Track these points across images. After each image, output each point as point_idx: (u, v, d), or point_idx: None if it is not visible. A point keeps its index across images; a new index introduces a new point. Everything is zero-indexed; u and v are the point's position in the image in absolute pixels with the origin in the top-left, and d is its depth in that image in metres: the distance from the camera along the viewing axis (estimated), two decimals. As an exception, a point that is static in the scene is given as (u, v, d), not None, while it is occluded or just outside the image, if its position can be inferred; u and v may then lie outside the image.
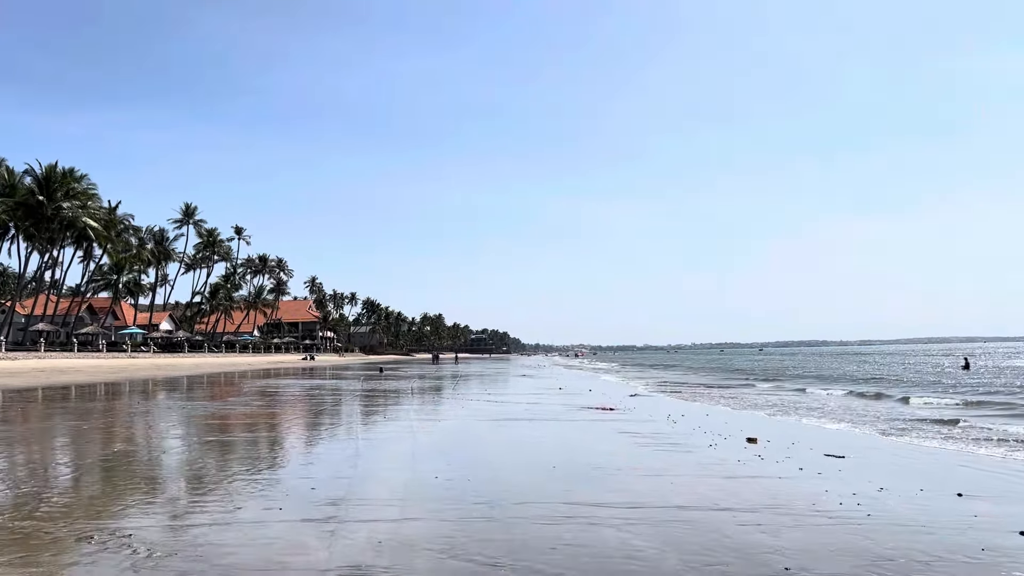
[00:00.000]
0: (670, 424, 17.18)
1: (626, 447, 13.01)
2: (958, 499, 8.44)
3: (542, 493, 8.59)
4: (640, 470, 10.38)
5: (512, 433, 15.25)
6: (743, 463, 11.10)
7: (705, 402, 26.04)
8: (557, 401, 25.16)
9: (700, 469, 10.52)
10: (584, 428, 16.38)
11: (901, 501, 8.29)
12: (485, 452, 12.12)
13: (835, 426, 17.44)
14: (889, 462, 11.46)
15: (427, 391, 31.81)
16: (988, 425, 17.12)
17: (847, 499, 8.34)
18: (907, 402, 25.52)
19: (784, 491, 8.83)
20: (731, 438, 14.47)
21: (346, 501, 8.02)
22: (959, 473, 10.43)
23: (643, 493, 8.64)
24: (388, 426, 16.88)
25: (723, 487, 9.08)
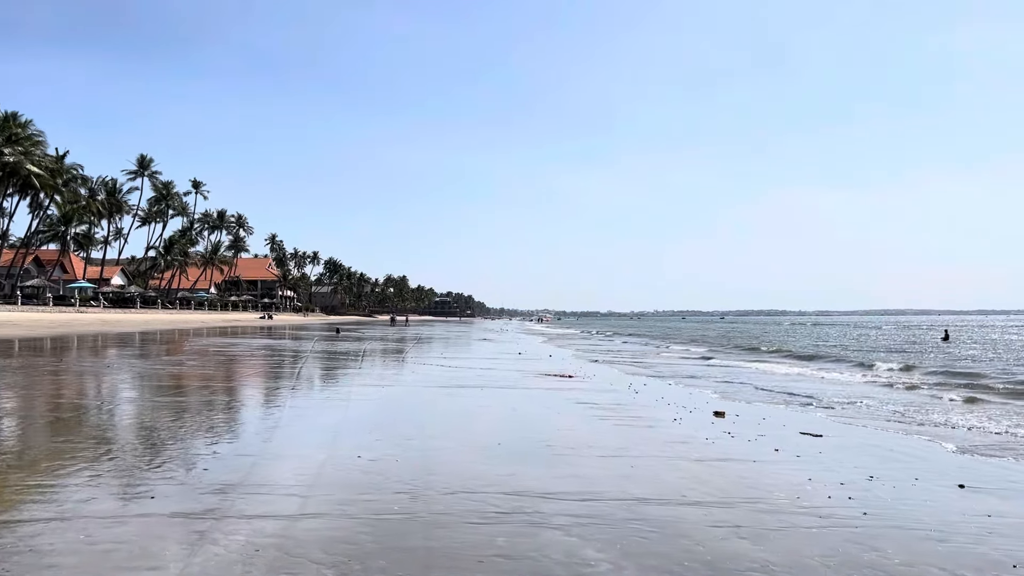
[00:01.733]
0: (631, 394, 15.98)
1: (583, 420, 11.73)
2: (960, 492, 7.28)
3: (480, 479, 7.24)
4: (597, 449, 9.09)
5: (460, 402, 13.89)
6: (712, 442, 9.89)
7: (667, 370, 24.96)
8: (514, 367, 23.89)
9: (665, 449, 9.26)
10: (539, 397, 15.09)
11: (897, 494, 7.09)
12: (424, 425, 10.74)
13: (808, 399, 16.36)
14: (872, 443, 10.32)
15: (379, 353, 30.34)
16: (970, 397, 16.21)
17: (835, 491, 7.13)
18: (890, 372, 24.69)
19: (762, 479, 7.59)
20: (697, 411, 13.29)
21: (238, 488, 6.60)
22: (950, 457, 9.30)
23: (599, 480, 7.33)
24: (324, 393, 15.42)
25: (692, 473, 7.81)
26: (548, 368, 23.07)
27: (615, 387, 17.44)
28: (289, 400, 13.49)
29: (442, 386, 16.75)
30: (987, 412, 14.12)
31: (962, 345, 46.23)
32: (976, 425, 12.21)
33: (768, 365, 29.26)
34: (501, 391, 16.06)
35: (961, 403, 15.86)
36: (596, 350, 39.32)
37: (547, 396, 15.30)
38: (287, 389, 15.55)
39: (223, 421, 10.86)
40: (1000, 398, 17.01)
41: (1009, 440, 10.74)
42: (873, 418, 13.05)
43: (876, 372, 25.59)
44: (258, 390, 15.39)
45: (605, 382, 18.78)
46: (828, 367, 28.02)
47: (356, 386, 16.45)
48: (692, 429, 11.09)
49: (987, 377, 22.60)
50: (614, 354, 35.46)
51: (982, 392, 18.09)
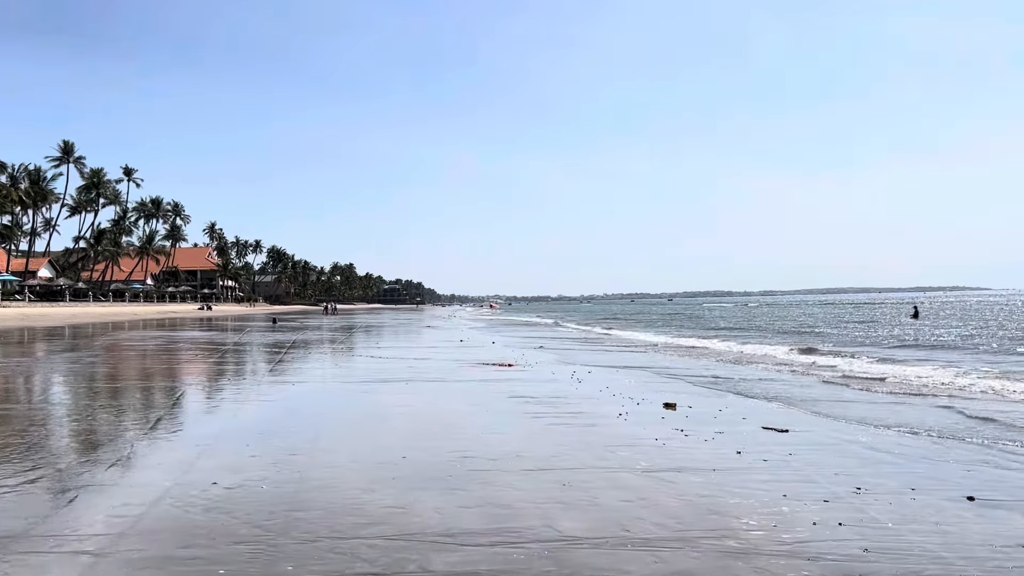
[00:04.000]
0: (574, 383, 14.38)
1: (514, 420, 10.05)
2: (973, 507, 5.78)
3: (360, 514, 5.48)
4: (524, 459, 7.40)
5: (376, 401, 12.09)
6: (662, 444, 8.30)
7: (616, 355, 23.48)
8: (452, 356, 22.13)
9: (606, 456, 7.62)
10: (471, 391, 13.37)
11: (897, 513, 5.55)
12: (321, 434, 8.93)
13: (768, 385, 14.95)
14: (846, 437, 8.84)
15: (308, 345, 28.27)
16: (957, 381, 15.02)
17: (820, 512, 5.56)
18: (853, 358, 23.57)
19: (727, 499, 5.99)
20: (645, 402, 11.74)
21: (16, 542, 4.73)
22: (940, 453, 7.85)
23: (518, 509, 5.64)
24: (220, 393, 13.45)
25: (639, 492, 6.17)
26: (488, 357, 21.38)
27: (557, 376, 15.82)
28: (170, 405, 11.51)
29: (363, 381, 14.90)
30: (967, 392, 12.88)
31: (940, 321, 45.97)
32: (960, 408, 10.85)
33: (721, 345, 28.05)
34: (429, 385, 14.30)
35: (940, 384, 14.61)
36: (542, 336, 37.76)
37: (480, 390, 13.59)
38: (179, 390, 13.54)
39: (70, 435, 8.88)
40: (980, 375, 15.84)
41: (999, 433, 9.37)
42: (841, 403, 11.65)
43: (841, 356, 24.49)
44: (142, 393, 13.36)
45: (547, 371, 17.16)
46: (785, 348, 26.88)
47: (263, 384, 14.50)
48: (640, 426, 9.51)
49: (957, 348, 21.65)
50: (560, 340, 33.95)
51: (957, 370, 16.95)
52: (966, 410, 10.97)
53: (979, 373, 16.83)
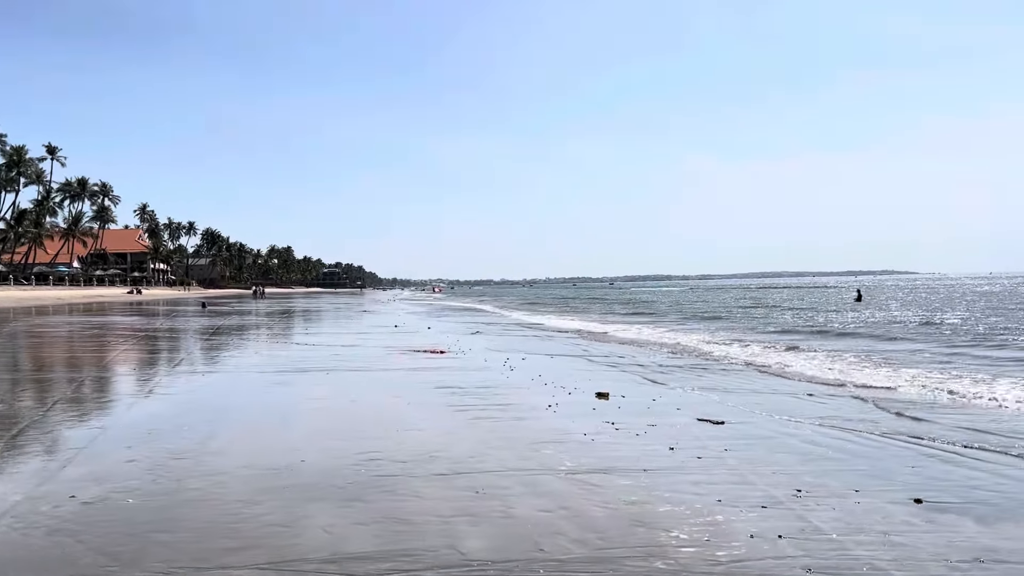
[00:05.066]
0: (506, 372, 13.73)
1: (436, 414, 9.33)
2: (921, 511, 5.29)
3: (233, 538, 4.71)
4: (440, 461, 6.70)
5: (288, 394, 11.23)
6: (592, 439, 7.69)
7: (552, 343, 22.95)
8: (383, 342, 21.28)
9: (529, 455, 6.98)
10: (396, 382, 12.60)
11: (841, 520, 5.02)
12: (216, 432, 8.07)
13: (703, 372, 14.54)
14: (785, 430, 8.37)
15: (233, 331, 27.05)
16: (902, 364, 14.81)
17: (758, 521, 5.00)
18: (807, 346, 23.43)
19: (657, 505, 5.39)
20: (577, 392, 11.17)
21: None
22: (884, 450, 7.42)
23: (420, 526, 4.93)
24: (115, 386, 12.41)
25: (560, 499, 5.53)
26: (421, 343, 20.59)
27: (489, 364, 15.16)
28: (56, 400, 10.46)
29: (280, 371, 13.98)
30: (915, 380, 12.64)
31: (888, 304, 46.62)
32: (898, 399, 10.53)
33: (661, 332, 27.80)
34: (352, 375, 13.48)
35: (885, 371, 14.39)
36: (480, 321, 37.11)
37: (406, 379, 12.84)
38: (76, 382, 12.45)
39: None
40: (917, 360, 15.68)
41: (930, 423, 9.03)
42: (778, 394, 11.26)
43: (783, 342, 24.38)
44: (33, 386, 12.23)
45: (479, 358, 16.48)
46: (723, 334, 26.74)
47: (171, 375, 13.47)
48: (569, 419, 8.90)
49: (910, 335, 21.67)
50: (498, 326, 33.35)
51: (906, 358, 16.81)
52: (911, 404, 10.67)
53: (933, 365, 16.74)
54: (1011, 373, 13.56)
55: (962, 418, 9.15)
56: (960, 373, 13.69)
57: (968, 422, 8.87)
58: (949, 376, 13.26)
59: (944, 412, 9.65)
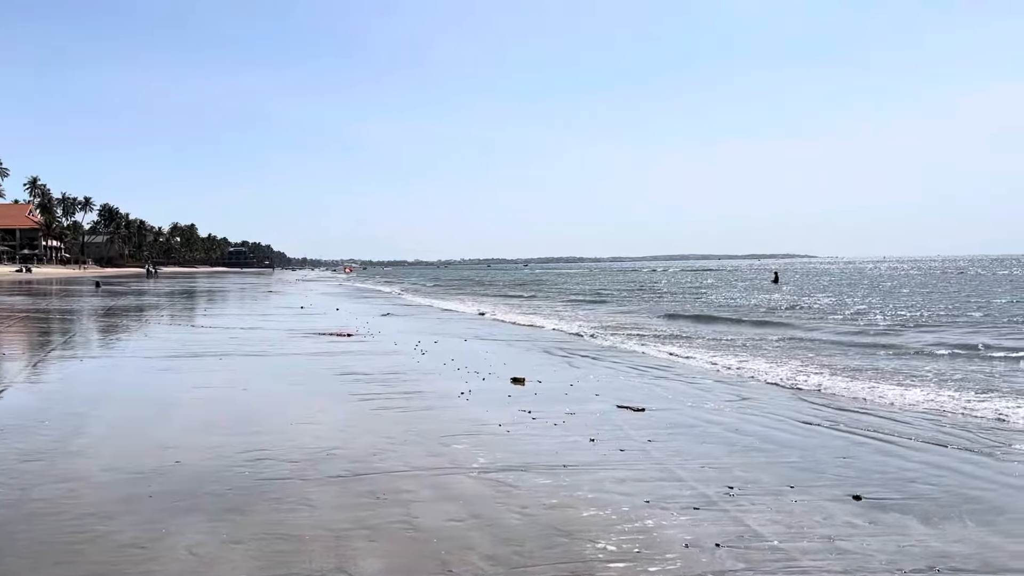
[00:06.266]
0: (417, 356, 13.01)
1: (338, 403, 8.56)
2: (861, 509, 4.89)
3: (71, 567, 3.88)
4: (336, 460, 5.97)
5: (173, 382, 10.22)
6: (507, 432, 7.09)
7: (464, 324, 22.31)
8: (287, 324, 20.18)
9: (438, 451, 6.32)
10: (297, 367, 11.72)
11: (781, 525, 4.56)
12: (80, 428, 7.09)
13: (626, 355, 14.17)
14: (708, 417, 7.97)
15: (126, 312, 25.35)
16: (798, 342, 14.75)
17: (692, 526, 4.49)
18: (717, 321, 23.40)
19: (578, 510, 4.81)
20: (492, 377, 10.58)
21: None
22: (812, 439, 7.09)
23: (307, 544, 4.21)
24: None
25: (472, 504, 4.89)
26: (327, 325, 19.60)
27: (399, 347, 14.40)
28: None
29: (168, 356, 12.85)
30: (831, 361, 12.52)
31: (806, 286, 47.56)
32: (826, 386, 10.34)
33: (577, 312, 27.51)
34: (249, 360, 12.49)
35: (801, 355, 14.31)
36: (392, 302, 36.14)
37: (308, 365, 11.96)
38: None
39: None
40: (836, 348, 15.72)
41: (841, 406, 8.82)
42: (700, 377, 10.94)
43: (688, 327, 24.37)
44: None
45: (389, 341, 15.69)
46: (639, 314, 26.64)
47: (46, 360, 12.18)
48: (483, 408, 8.28)
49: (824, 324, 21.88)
50: (410, 307, 32.47)
51: (825, 345, 16.85)
52: (831, 393, 10.49)
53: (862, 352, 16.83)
54: (930, 368, 13.67)
55: (878, 408, 8.97)
56: (875, 364, 13.73)
57: (886, 413, 8.69)
58: (868, 364, 13.26)
59: (860, 402, 9.48)
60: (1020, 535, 4.38)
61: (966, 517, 4.71)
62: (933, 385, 10.35)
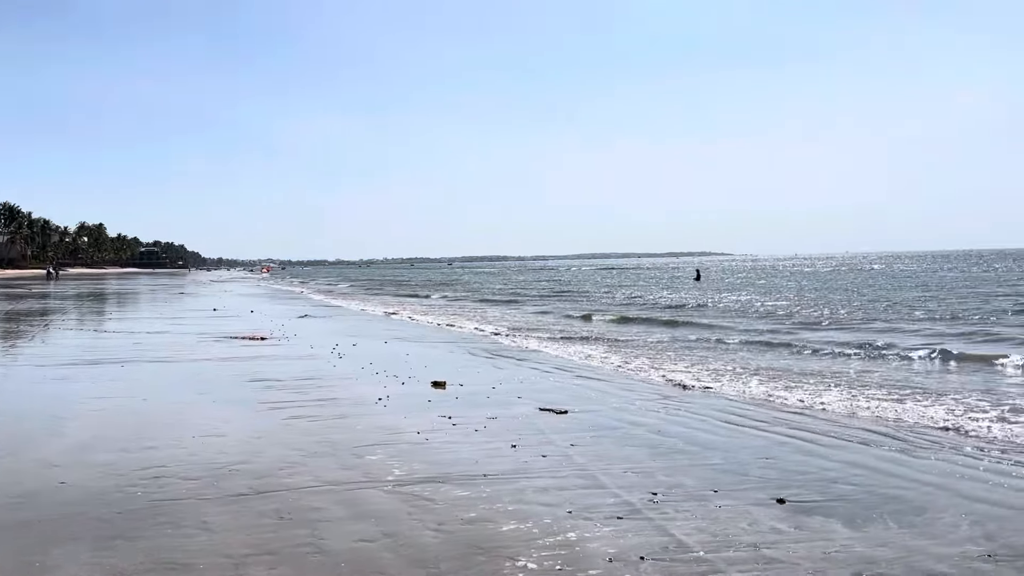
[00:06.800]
0: (334, 360, 12.57)
1: (243, 414, 8.09)
2: (786, 513, 4.80)
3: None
4: (240, 476, 5.57)
5: (67, 391, 9.54)
6: (426, 440, 6.80)
7: (385, 325, 21.86)
8: (197, 328, 19.33)
9: (352, 462, 5.99)
10: (203, 374, 11.13)
11: (707, 533, 4.42)
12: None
13: (548, 356, 14.03)
14: (631, 418, 7.86)
15: (20, 317, 23.91)
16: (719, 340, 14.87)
17: (616, 537, 4.32)
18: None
19: (500, 522, 4.57)
20: (412, 380, 10.27)
21: None
22: (734, 439, 7.04)
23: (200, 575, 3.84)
24: None
25: (386, 521, 4.59)
26: (240, 329, 18.87)
27: (316, 351, 13.91)
28: None
29: (64, 364, 12.04)
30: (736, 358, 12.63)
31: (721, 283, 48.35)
32: (747, 386, 10.38)
33: (499, 313, 27.36)
34: (153, 367, 11.82)
35: (726, 351, 14.42)
36: (311, 303, 35.28)
37: (217, 371, 11.39)
38: None
39: None
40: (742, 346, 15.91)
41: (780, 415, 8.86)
42: (622, 378, 10.87)
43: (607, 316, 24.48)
44: None
45: (306, 344, 15.15)
46: (560, 314, 26.64)
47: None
48: (401, 414, 7.97)
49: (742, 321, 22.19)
50: (330, 308, 31.75)
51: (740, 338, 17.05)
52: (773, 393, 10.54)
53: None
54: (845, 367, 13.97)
55: (796, 407, 9.04)
56: (797, 364, 13.95)
57: (806, 413, 8.76)
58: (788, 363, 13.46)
59: (777, 401, 9.55)
60: (942, 536, 4.35)
61: (888, 518, 4.67)
62: (844, 385, 10.54)
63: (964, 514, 4.71)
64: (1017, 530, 4.41)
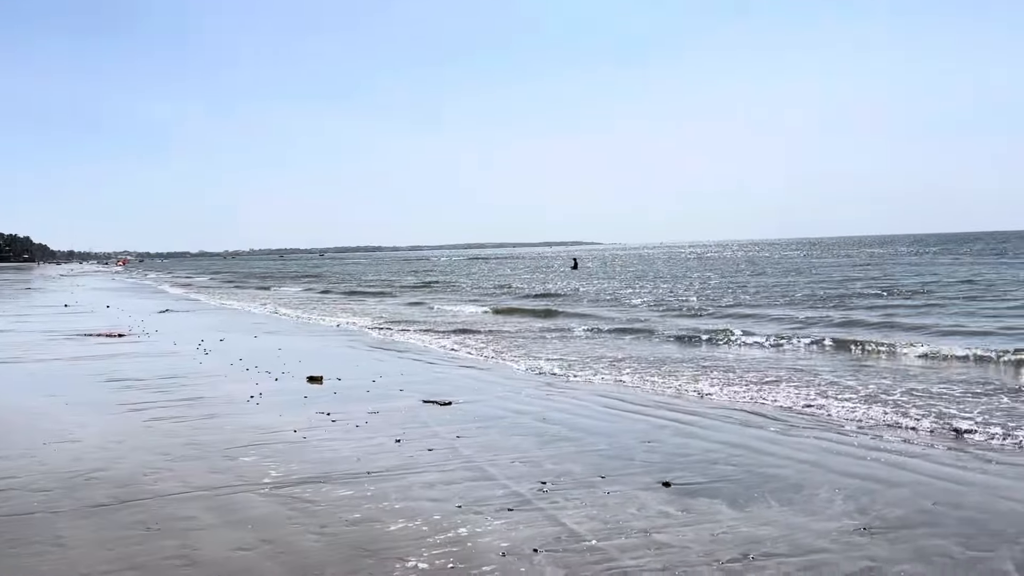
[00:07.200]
0: (200, 356, 11.92)
1: (100, 417, 7.49)
2: (672, 496, 4.85)
3: None
4: (98, 484, 5.11)
5: None
6: (303, 437, 6.51)
7: (255, 318, 21.01)
8: (46, 325, 17.91)
9: (224, 465, 5.62)
10: (54, 375, 10.28)
11: (597, 520, 4.40)
12: None
13: (427, 348, 13.83)
14: (514, 405, 7.83)
15: None
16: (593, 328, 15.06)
17: (507, 531, 4.23)
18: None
19: (387, 521, 4.38)
20: (286, 376, 9.87)
21: None
22: (608, 423, 7.12)
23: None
24: None
25: (263, 527, 4.31)
26: (96, 325, 17.63)
27: (180, 347, 13.15)
28: None
29: None
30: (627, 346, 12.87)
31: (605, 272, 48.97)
32: (625, 372, 10.55)
33: (375, 306, 26.84)
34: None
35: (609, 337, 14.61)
36: (173, 297, 33.52)
37: (69, 371, 10.54)
38: None
39: None
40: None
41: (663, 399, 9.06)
42: (504, 368, 10.83)
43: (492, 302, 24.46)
44: None
45: (168, 341, 14.29)
46: (436, 304, 26.41)
47: None
48: (276, 412, 7.60)
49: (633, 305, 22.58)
50: (194, 302, 30.25)
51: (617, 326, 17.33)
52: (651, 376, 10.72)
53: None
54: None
55: (671, 391, 9.27)
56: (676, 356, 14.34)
57: (681, 398, 8.99)
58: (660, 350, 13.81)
59: (654, 387, 9.78)
60: (820, 512, 4.50)
61: (769, 497, 4.80)
62: (720, 369, 10.93)
63: (838, 489, 4.92)
64: (888, 503, 4.63)
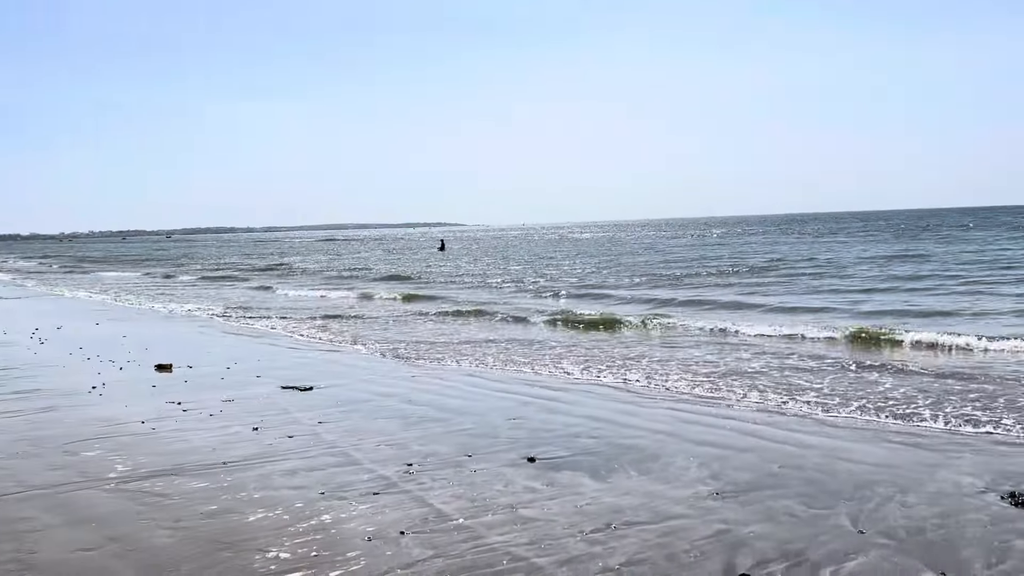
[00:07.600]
0: (35, 346, 11.07)
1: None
2: (537, 471, 4.94)
3: None
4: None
5: None
6: (152, 428, 6.18)
7: (93, 307, 19.68)
8: None
9: (63, 461, 5.24)
10: None
11: (465, 499, 4.43)
12: None
13: (286, 333, 13.41)
14: (375, 388, 7.74)
15: None
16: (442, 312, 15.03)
17: (373, 515, 4.18)
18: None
19: (246, 512, 4.22)
20: (132, 364, 9.34)
21: None
22: (474, 402, 7.18)
23: None
24: None
25: (109, 525, 4.06)
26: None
27: (11, 336, 12.17)
28: None
29: None
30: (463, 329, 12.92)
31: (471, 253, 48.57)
32: (489, 355, 10.61)
33: (230, 292, 25.78)
34: None
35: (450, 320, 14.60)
36: (1, 283, 30.82)
37: None
38: None
39: None
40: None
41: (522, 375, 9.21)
42: (366, 351, 10.64)
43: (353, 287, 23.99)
44: None
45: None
46: (292, 288, 25.66)
47: None
48: (121, 402, 7.15)
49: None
50: (26, 288, 27.98)
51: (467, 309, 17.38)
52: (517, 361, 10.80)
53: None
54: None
55: (531, 370, 9.44)
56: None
57: (543, 377, 9.17)
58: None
59: (516, 366, 9.91)
60: (676, 479, 4.72)
61: (629, 467, 4.98)
62: (579, 345, 11.22)
63: (692, 457, 5.17)
64: (737, 468, 4.90)
